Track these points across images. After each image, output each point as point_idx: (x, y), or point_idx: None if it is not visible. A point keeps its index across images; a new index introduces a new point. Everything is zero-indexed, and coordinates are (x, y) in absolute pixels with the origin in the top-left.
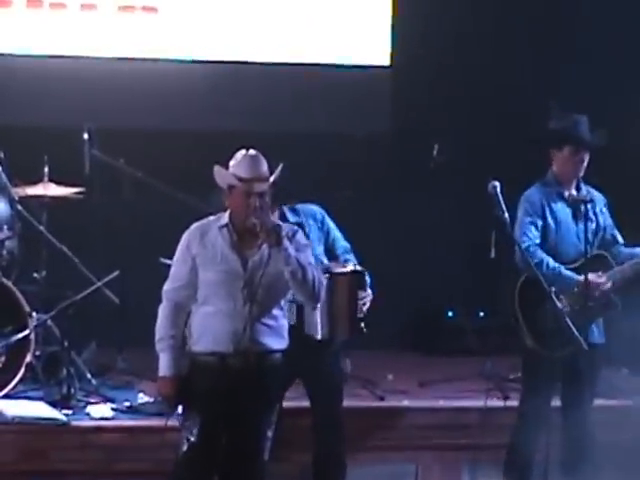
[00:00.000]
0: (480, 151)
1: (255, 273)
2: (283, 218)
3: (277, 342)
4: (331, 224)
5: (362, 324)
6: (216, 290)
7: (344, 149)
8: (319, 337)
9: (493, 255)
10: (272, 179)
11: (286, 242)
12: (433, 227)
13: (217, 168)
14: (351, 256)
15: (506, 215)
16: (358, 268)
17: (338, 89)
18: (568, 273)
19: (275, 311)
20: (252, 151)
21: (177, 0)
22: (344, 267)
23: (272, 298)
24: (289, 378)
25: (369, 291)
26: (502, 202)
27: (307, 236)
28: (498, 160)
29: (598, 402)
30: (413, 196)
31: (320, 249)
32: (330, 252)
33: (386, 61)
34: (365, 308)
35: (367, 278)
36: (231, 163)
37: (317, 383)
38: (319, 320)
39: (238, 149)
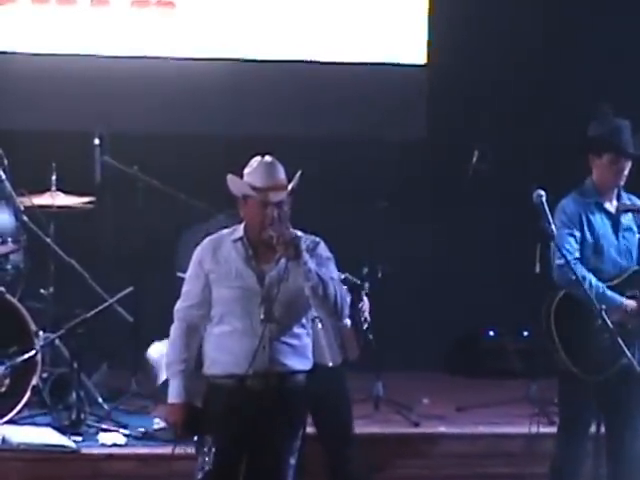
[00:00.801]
0: (523, 157)
1: (272, 289)
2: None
3: (300, 362)
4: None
5: (369, 335)
6: (232, 308)
7: (378, 155)
8: (330, 364)
9: (538, 270)
10: (290, 187)
11: (306, 255)
12: (473, 240)
13: (230, 177)
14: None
15: (552, 227)
16: (351, 279)
17: (373, 90)
18: (611, 294)
19: (297, 329)
20: (268, 158)
21: None
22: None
23: (292, 316)
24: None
25: (365, 299)
26: (548, 212)
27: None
28: (542, 167)
29: None
30: (451, 206)
31: None
32: None
33: (422, 59)
34: (365, 316)
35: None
36: (246, 171)
37: (324, 407)
38: (325, 345)
39: (256, 155)
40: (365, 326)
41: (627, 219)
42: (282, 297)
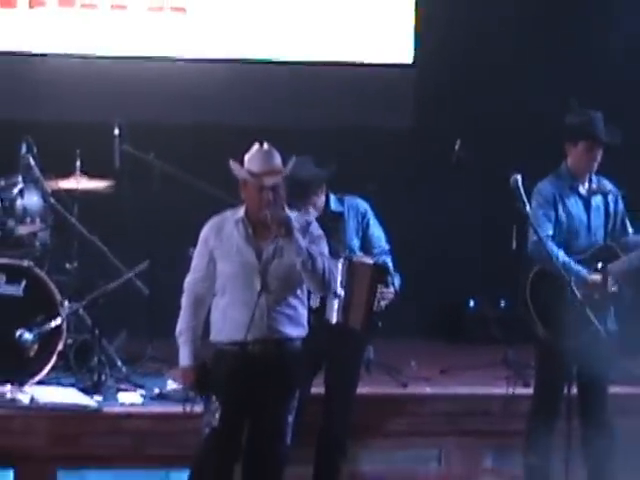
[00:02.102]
0: (504, 146)
1: (269, 264)
2: (327, 205)
3: (295, 330)
4: (372, 221)
5: (378, 319)
6: (233, 281)
7: (367, 144)
8: (333, 321)
9: (515, 247)
10: (285, 172)
11: (296, 233)
12: (456, 220)
13: (232, 163)
14: (387, 258)
15: (527, 208)
16: (381, 263)
17: (363, 86)
18: (578, 267)
19: (293, 300)
20: (265, 146)
21: (205, 0)
22: (368, 259)
23: (287, 288)
24: (315, 364)
25: (392, 289)
26: (524, 195)
27: (345, 227)
28: (518, 154)
29: (615, 389)
30: (436, 189)
31: (356, 242)
32: (367, 249)
33: (409, 59)
34: (383, 304)
35: (395, 279)
36: (246, 157)
37: (332, 367)
38: (335, 305)
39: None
40: (377, 310)
41: (597, 200)
42: (277, 271)
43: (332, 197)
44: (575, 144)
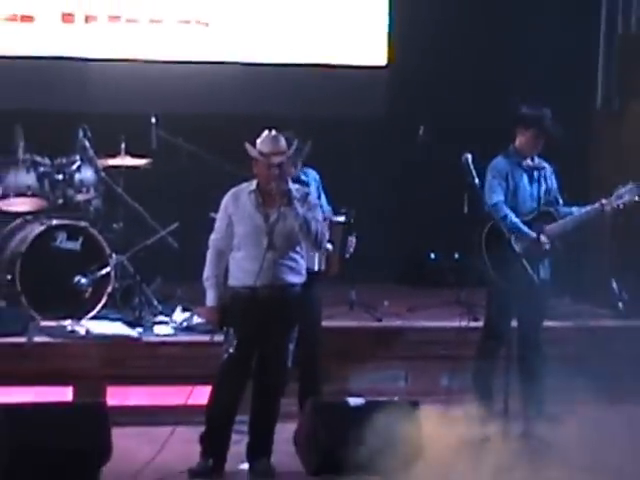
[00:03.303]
0: (457, 132)
1: (274, 226)
2: (298, 178)
3: (296, 277)
4: (321, 188)
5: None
6: (246, 240)
7: (346, 131)
8: (316, 268)
9: (466, 211)
10: (289, 152)
11: (296, 203)
12: (420, 191)
13: (247, 145)
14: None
15: (476, 180)
16: (348, 220)
17: (343, 84)
18: (525, 228)
19: (294, 255)
20: (273, 131)
21: (224, 15)
22: (339, 218)
23: (289, 245)
24: None
25: (353, 239)
26: (473, 170)
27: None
28: (471, 138)
29: (546, 323)
30: (404, 166)
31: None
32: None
33: (383, 61)
34: (351, 250)
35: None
36: (258, 140)
37: (307, 308)
38: (317, 256)
39: (265, 129)
40: (347, 256)
41: (537, 174)
42: (281, 232)
43: (300, 172)
44: (527, 129)
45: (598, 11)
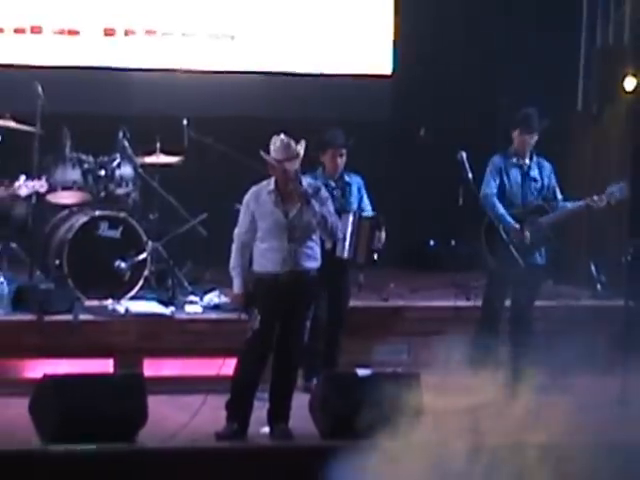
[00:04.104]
0: (453, 132)
1: (293, 222)
2: (342, 175)
3: (313, 263)
4: (365, 193)
5: (375, 255)
6: (269, 234)
7: (355, 132)
8: (345, 256)
9: (461, 203)
10: (301, 156)
11: (312, 202)
12: (422, 185)
13: (262, 153)
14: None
15: (470, 176)
16: (377, 217)
17: (352, 91)
18: (508, 219)
19: (310, 243)
20: (283, 137)
21: (248, 29)
22: (369, 214)
23: (306, 236)
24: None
25: (383, 234)
26: (467, 167)
27: (350, 192)
28: (467, 139)
29: (540, 303)
30: (407, 164)
31: (355, 204)
32: (362, 209)
33: (388, 71)
34: (379, 245)
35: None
36: (270, 147)
37: (337, 292)
38: (347, 246)
39: (277, 132)
40: (375, 249)
41: (534, 173)
42: (299, 226)
43: (345, 175)
44: (514, 130)
45: (580, 24)
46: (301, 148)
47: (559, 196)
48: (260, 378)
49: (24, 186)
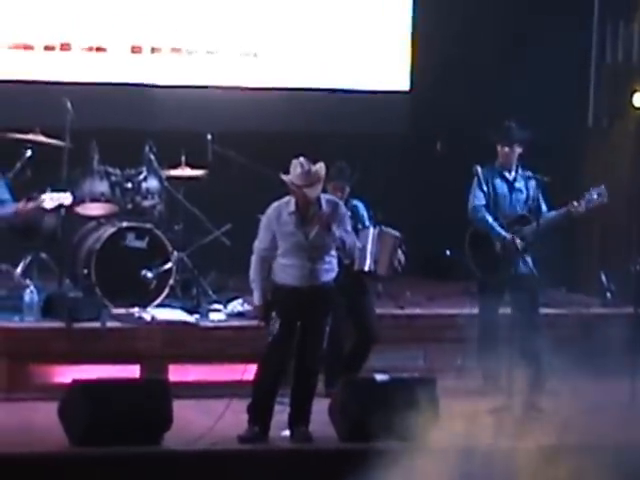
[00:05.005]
0: (469, 146)
1: (313, 243)
2: (348, 199)
3: (329, 276)
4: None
5: (396, 270)
6: (289, 252)
7: (375, 146)
8: (366, 268)
9: None
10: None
11: (333, 228)
12: (438, 196)
13: (282, 175)
14: None
15: (484, 188)
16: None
17: (371, 106)
18: (499, 229)
19: (327, 258)
20: (303, 161)
21: (270, 47)
22: (394, 232)
23: (324, 253)
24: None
25: (402, 254)
26: (482, 179)
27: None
28: (480, 152)
29: (545, 310)
30: (426, 175)
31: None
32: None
33: (406, 87)
34: (400, 263)
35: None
36: (291, 170)
37: (358, 305)
38: (368, 258)
39: (297, 155)
40: (396, 265)
41: (520, 185)
42: (318, 245)
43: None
44: (496, 144)
45: (590, 41)
46: (322, 171)
47: (544, 208)
48: (280, 383)
49: (49, 199)
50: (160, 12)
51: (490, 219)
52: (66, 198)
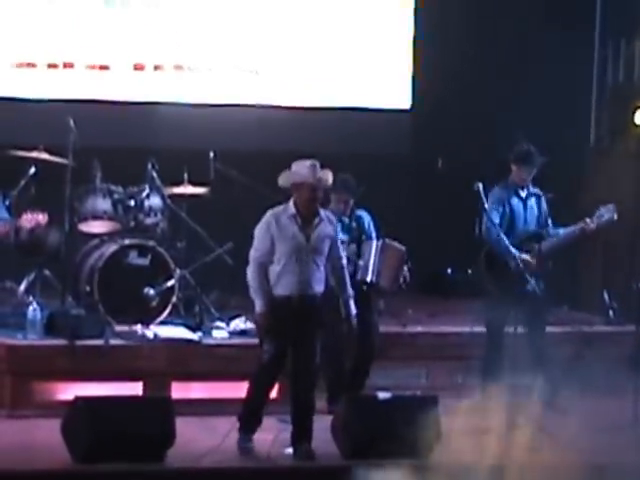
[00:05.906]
0: (470, 164)
1: (313, 245)
2: (353, 211)
3: (321, 286)
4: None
5: (400, 284)
6: (287, 256)
7: (376, 164)
8: (368, 280)
9: (477, 232)
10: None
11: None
12: (440, 215)
13: (287, 173)
14: None
15: (486, 205)
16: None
17: (372, 125)
18: (514, 250)
19: (321, 266)
20: (312, 161)
21: (271, 65)
22: (400, 246)
23: (322, 260)
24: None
25: (407, 271)
26: (483, 197)
27: (364, 225)
28: (482, 170)
29: (550, 329)
30: (426, 194)
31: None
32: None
33: (408, 105)
34: (405, 276)
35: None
36: (293, 168)
37: (363, 317)
38: (370, 270)
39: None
40: (400, 280)
41: (532, 202)
42: (318, 249)
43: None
44: (513, 164)
45: (592, 61)
46: (328, 176)
47: (550, 224)
48: (270, 394)
49: (25, 219)
50: (162, 30)
51: (505, 240)
52: (43, 218)
